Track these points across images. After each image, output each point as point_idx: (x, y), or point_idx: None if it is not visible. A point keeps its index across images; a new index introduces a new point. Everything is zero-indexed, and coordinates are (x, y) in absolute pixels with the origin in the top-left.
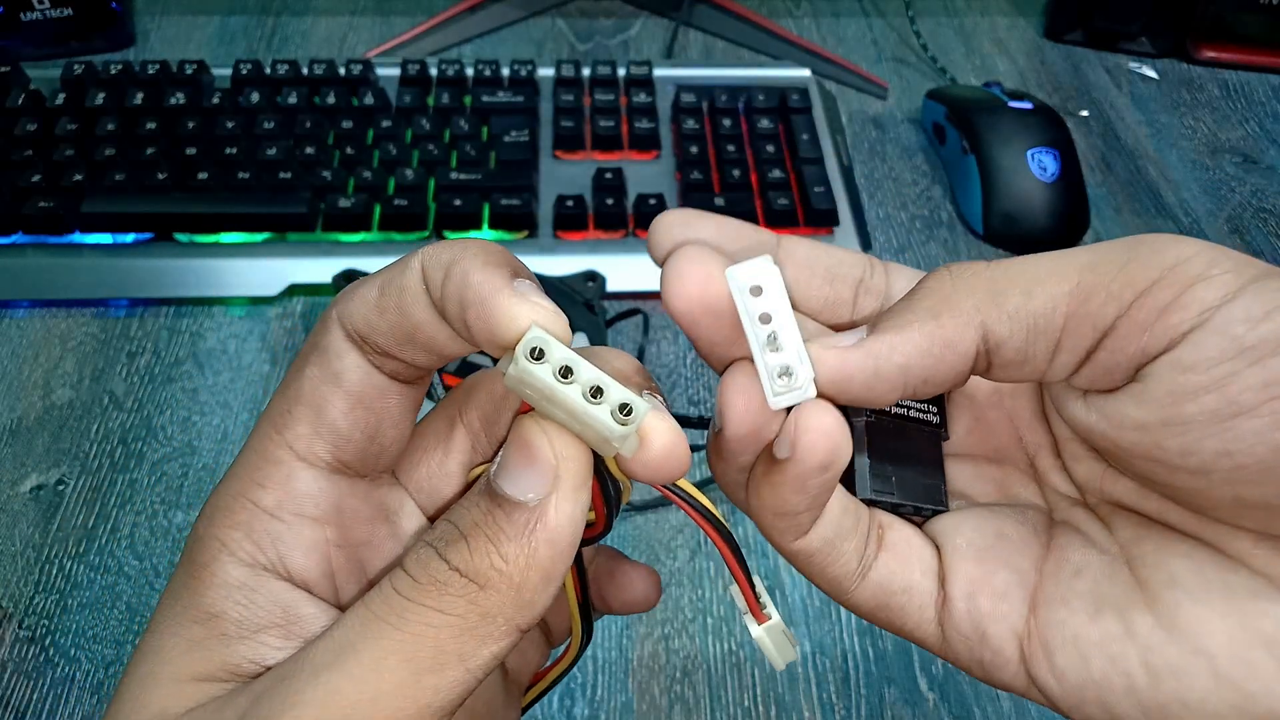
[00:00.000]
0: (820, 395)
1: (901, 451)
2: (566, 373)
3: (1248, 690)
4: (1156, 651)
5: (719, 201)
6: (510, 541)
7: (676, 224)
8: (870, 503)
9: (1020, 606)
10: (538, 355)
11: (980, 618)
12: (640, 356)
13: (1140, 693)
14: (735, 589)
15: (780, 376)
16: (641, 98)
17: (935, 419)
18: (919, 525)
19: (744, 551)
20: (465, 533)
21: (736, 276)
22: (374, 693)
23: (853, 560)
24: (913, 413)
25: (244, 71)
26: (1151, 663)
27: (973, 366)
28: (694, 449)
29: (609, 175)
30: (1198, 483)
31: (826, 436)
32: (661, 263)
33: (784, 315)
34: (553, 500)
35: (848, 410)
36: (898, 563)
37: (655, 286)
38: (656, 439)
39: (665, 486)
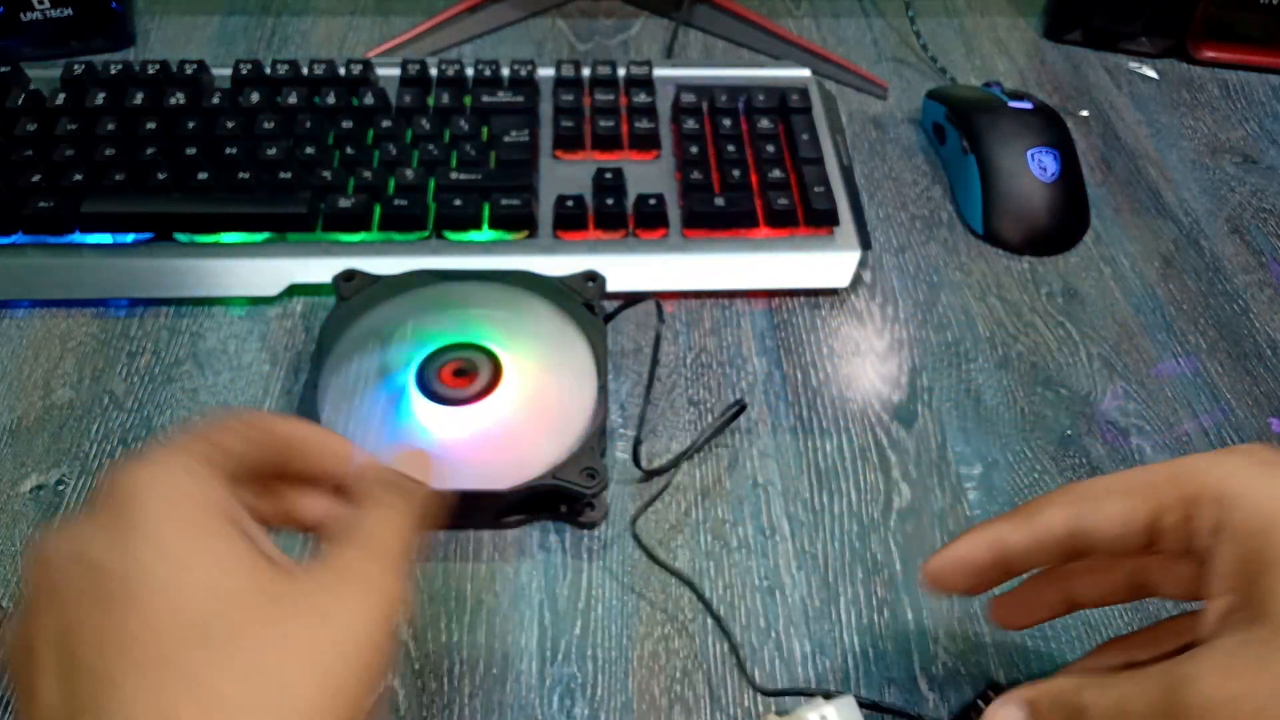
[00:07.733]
0: None
1: None
2: None
3: None
4: None
5: (719, 201)
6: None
7: None
8: None
9: None
10: None
11: None
12: (656, 344)
13: None
14: None
15: None
16: (641, 98)
17: None
18: None
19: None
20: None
21: None
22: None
23: None
24: None
25: (244, 71)
26: None
27: None
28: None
29: (609, 175)
30: None
31: None
32: None
33: None
34: None
35: None
36: None
37: (655, 286)
38: None
39: None
